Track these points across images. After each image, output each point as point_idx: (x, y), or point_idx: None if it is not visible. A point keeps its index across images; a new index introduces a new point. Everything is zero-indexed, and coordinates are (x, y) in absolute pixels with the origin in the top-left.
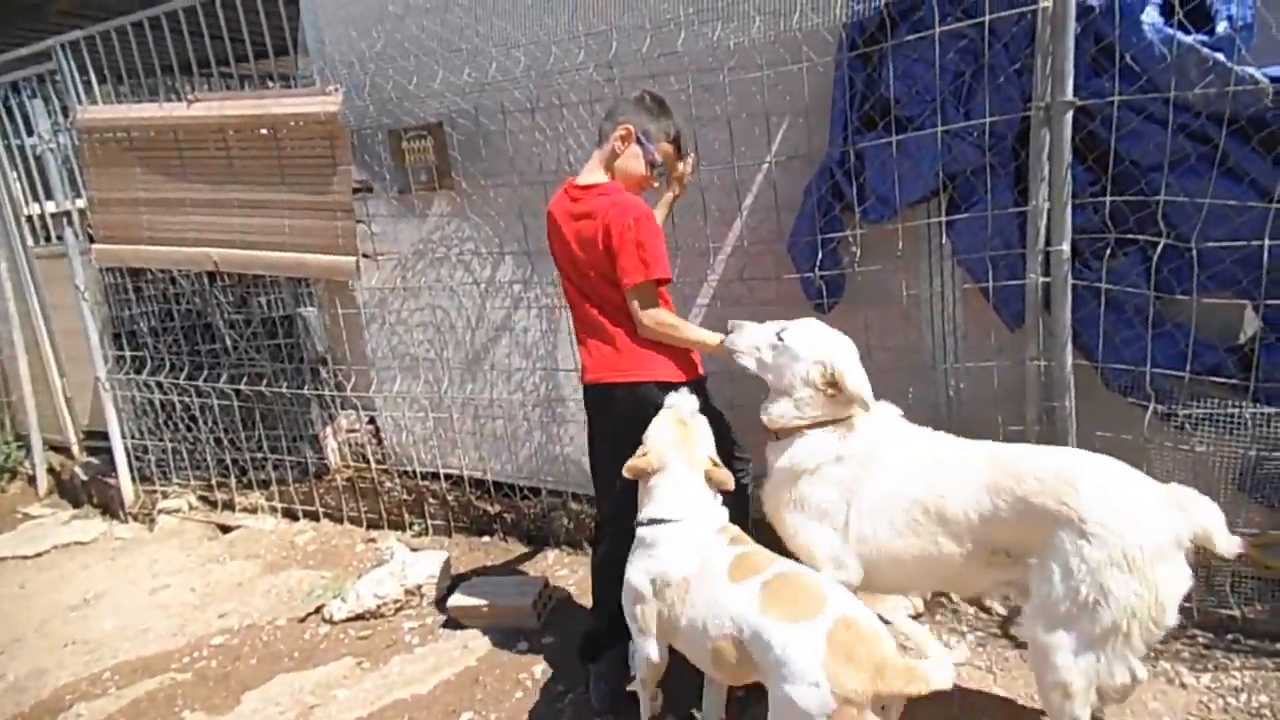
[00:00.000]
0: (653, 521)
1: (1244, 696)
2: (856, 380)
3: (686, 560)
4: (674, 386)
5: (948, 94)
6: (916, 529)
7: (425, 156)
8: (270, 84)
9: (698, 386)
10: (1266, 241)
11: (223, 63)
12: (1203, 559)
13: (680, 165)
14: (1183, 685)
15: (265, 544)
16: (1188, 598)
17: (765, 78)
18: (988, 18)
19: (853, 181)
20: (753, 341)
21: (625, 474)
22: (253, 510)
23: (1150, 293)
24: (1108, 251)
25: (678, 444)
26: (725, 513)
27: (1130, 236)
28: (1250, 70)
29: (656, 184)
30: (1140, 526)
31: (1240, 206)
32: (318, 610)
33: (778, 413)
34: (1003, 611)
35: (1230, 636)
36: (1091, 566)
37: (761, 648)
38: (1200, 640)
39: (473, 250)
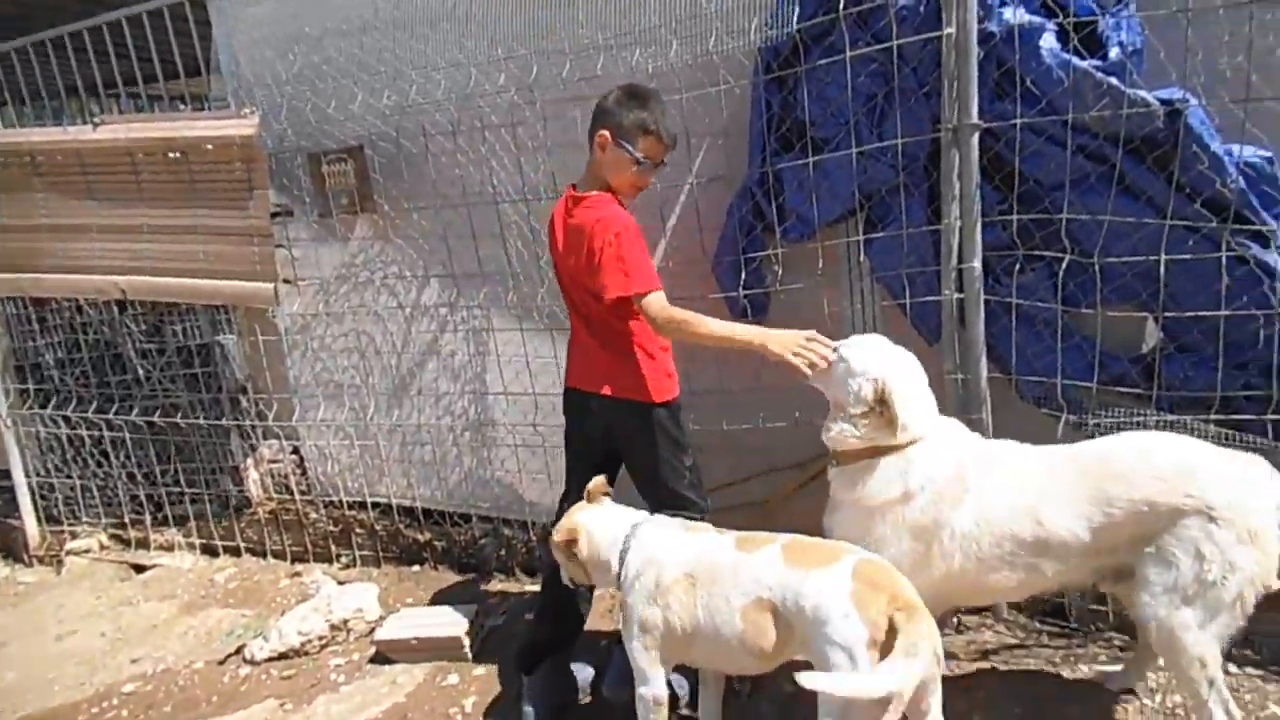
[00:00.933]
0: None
1: (1159, 697)
2: (903, 401)
3: (679, 555)
4: (644, 406)
5: (861, 116)
6: (1013, 561)
7: (346, 180)
8: (181, 106)
9: (665, 409)
10: (1163, 256)
11: (131, 83)
12: None
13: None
14: (1101, 688)
15: (182, 583)
16: (1101, 601)
17: (684, 101)
18: (895, 42)
19: (772, 201)
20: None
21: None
22: (169, 548)
23: (1058, 306)
24: (1017, 267)
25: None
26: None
27: (1037, 253)
28: (1142, 93)
29: (653, 179)
30: (1257, 502)
31: (1137, 223)
32: (238, 651)
33: (835, 432)
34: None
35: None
36: (1223, 548)
37: (795, 600)
38: (1116, 643)
39: (397, 274)
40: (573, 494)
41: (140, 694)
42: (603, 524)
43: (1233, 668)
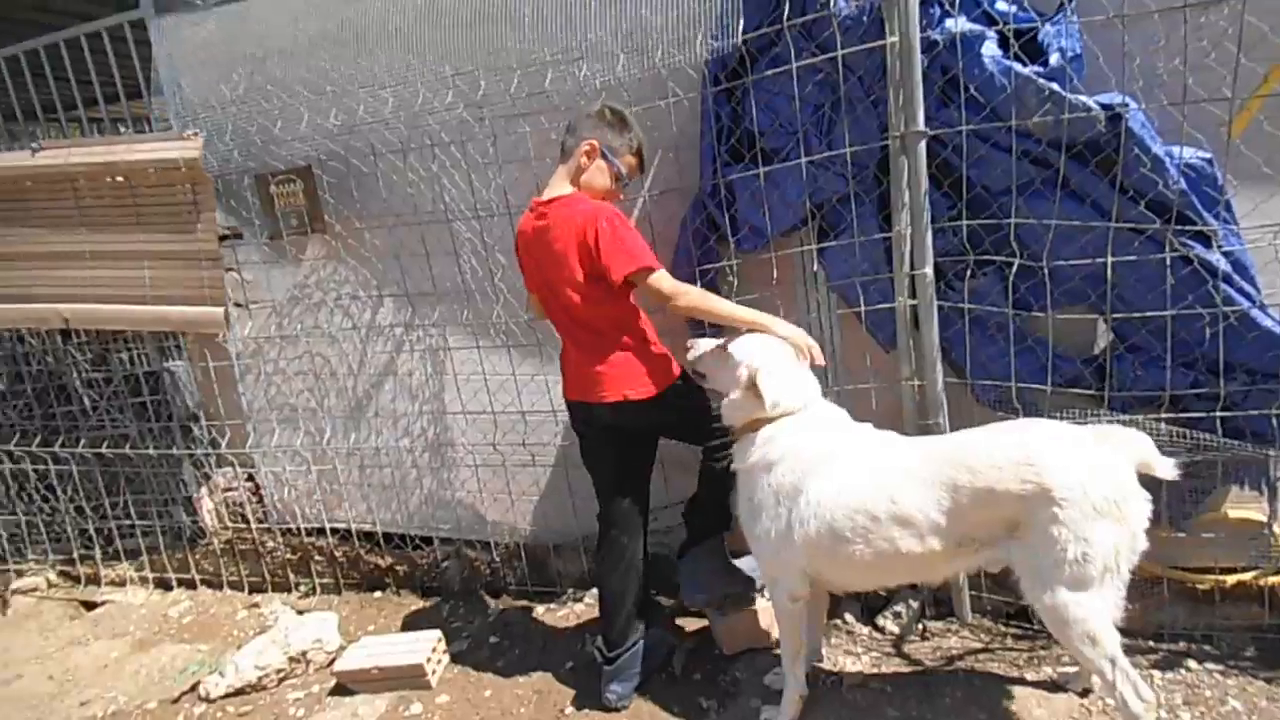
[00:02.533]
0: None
1: None
2: (769, 382)
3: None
4: (647, 403)
5: (809, 126)
6: (867, 534)
7: (295, 200)
8: (123, 129)
9: (675, 389)
10: (1109, 258)
11: (71, 108)
12: None
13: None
14: (1063, 690)
15: (135, 619)
16: None
17: (635, 114)
18: (840, 52)
19: (725, 213)
20: (703, 350)
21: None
22: (120, 583)
23: (1009, 310)
24: (968, 273)
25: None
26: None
27: (988, 258)
28: (1083, 98)
29: (622, 196)
30: (1101, 476)
31: (1084, 226)
32: (193, 688)
33: (724, 408)
34: (895, 630)
35: None
36: (1072, 528)
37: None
38: None
39: (350, 294)
40: (609, 502)
41: None
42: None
43: (1193, 663)
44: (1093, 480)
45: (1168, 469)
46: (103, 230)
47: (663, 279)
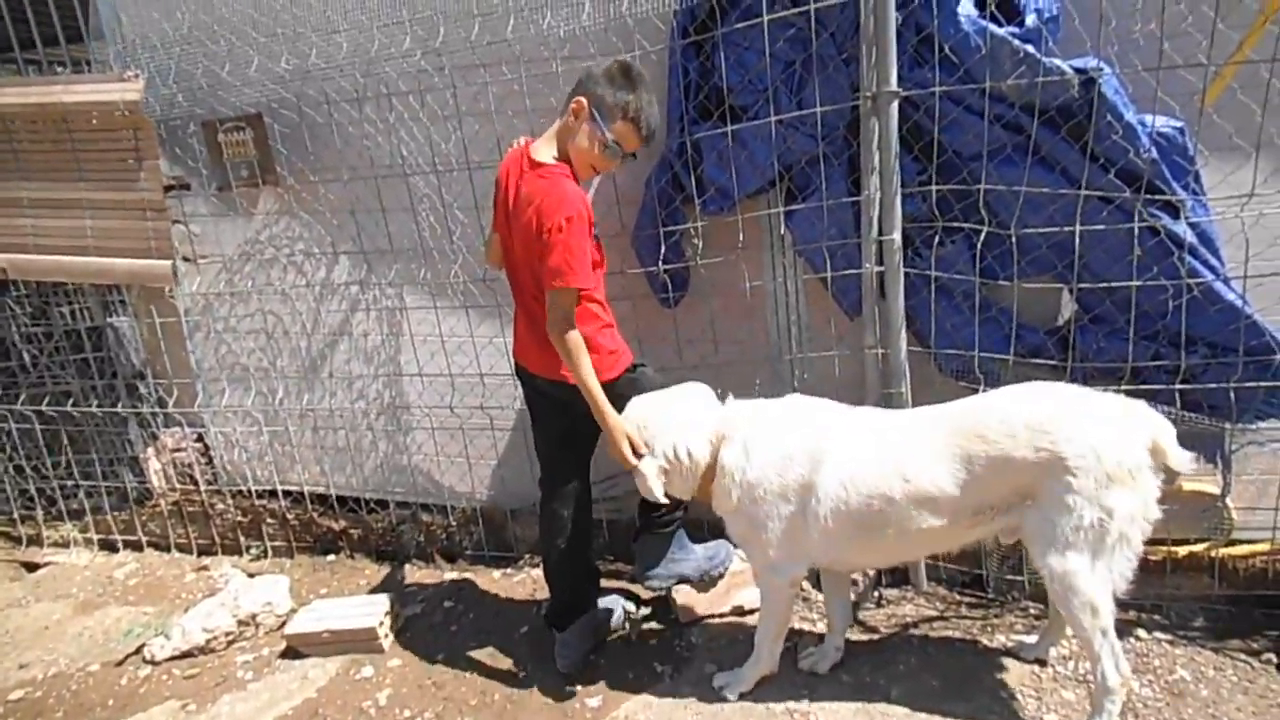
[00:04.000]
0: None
1: (1071, 664)
2: (671, 445)
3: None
4: (573, 386)
5: (780, 83)
6: (885, 516)
7: (245, 150)
8: (60, 70)
9: (626, 380)
10: (1078, 227)
11: (6, 50)
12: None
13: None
14: (1017, 658)
15: (78, 581)
16: (1018, 571)
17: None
18: (813, 6)
19: (691, 173)
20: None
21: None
22: (64, 544)
23: (976, 279)
24: (936, 240)
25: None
26: None
27: (956, 225)
28: (1057, 62)
29: (615, 165)
30: (1114, 444)
31: (1053, 194)
32: (138, 651)
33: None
34: (851, 598)
35: None
36: (1087, 495)
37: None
38: (1033, 611)
39: (304, 251)
40: (549, 471)
41: (29, 701)
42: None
43: (1143, 633)
44: (1106, 447)
45: (1182, 460)
46: (41, 177)
47: (565, 301)
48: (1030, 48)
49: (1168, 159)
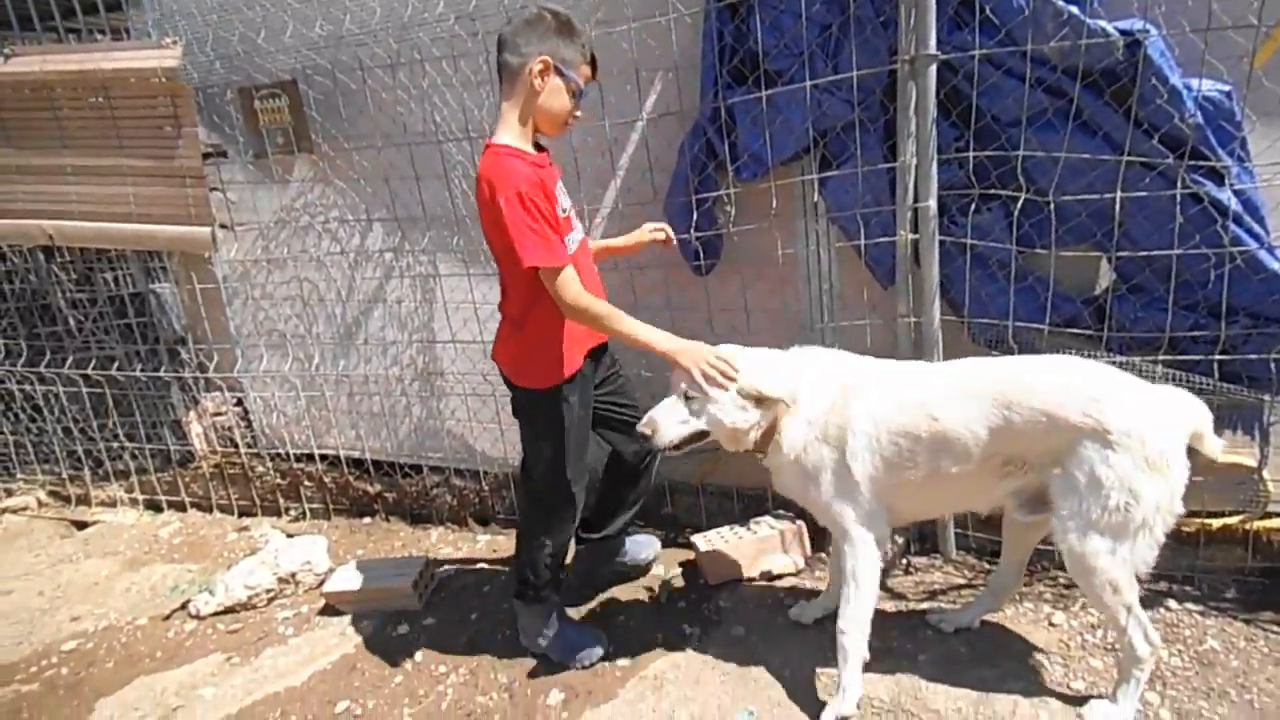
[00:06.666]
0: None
1: (1100, 633)
2: (766, 383)
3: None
4: (548, 391)
5: (816, 47)
6: (914, 458)
7: (280, 117)
8: (99, 38)
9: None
10: (1119, 194)
11: (48, 19)
12: None
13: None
14: (1051, 625)
15: (125, 539)
16: (1048, 542)
17: (633, 31)
18: None
19: (724, 139)
20: (674, 418)
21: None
22: (111, 504)
23: (1012, 247)
24: (972, 207)
25: None
26: None
27: (993, 192)
28: (1102, 23)
29: (579, 115)
30: (1160, 430)
31: (1094, 160)
32: (183, 606)
33: (748, 441)
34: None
35: None
36: (1120, 474)
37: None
38: (1062, 581)
39: (339, 218)
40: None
41: (81, 651)
42: None
43: (1173, 603)
44: (1151, 433)
45: (1217, 448)
46: (83, 145)
47: (568, 284)
48: (1074, 9)
49: (1213, 124)
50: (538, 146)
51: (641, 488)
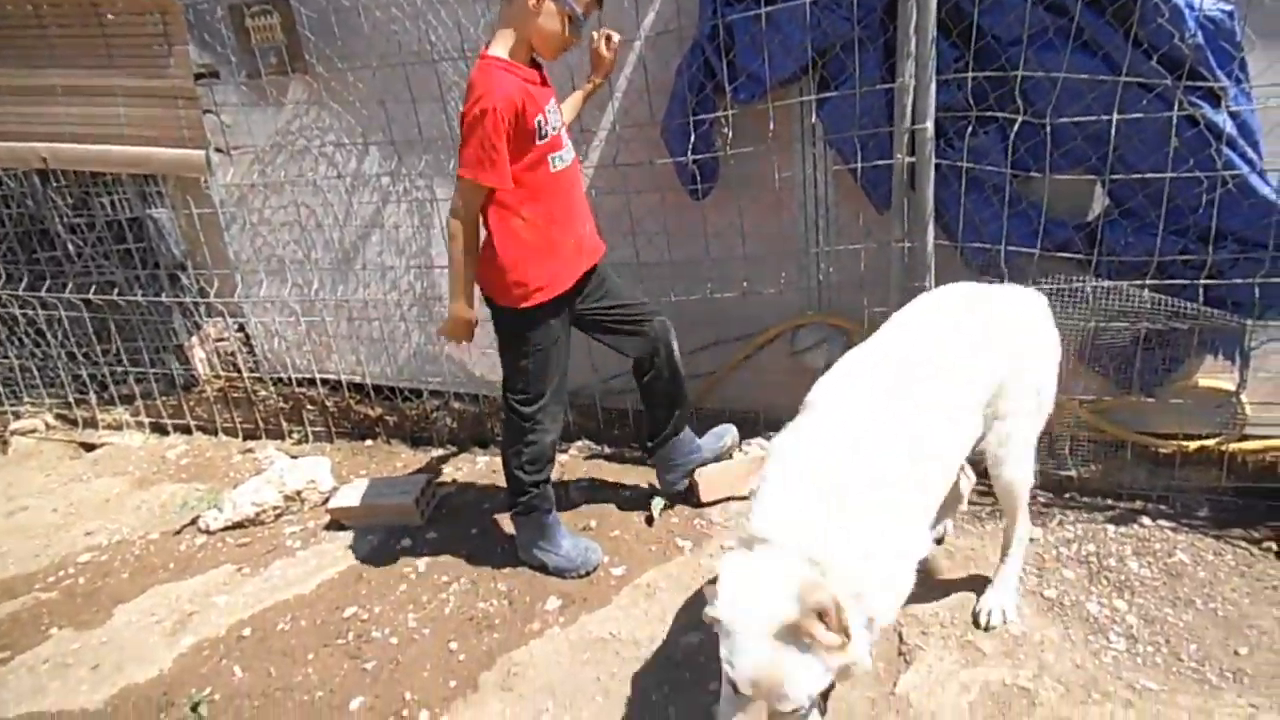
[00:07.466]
0: None
1: (1075, 546)
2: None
3: None
4: (518, 311)
5: None
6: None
7: (273, 35)
8: None
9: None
10: (1115, 116)
11: None
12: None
13: (603, 48)
14: (1031, 541)
15: (134, 460)
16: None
17: None
18: None
19: (723, 58)
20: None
21: None
22: (118, 427)
23: (1008, 170)
24: (969, 130)
25: None
26: None
27: (990, 114)
28: None
29: (578, 41)
30: None
31: (1092, 82)
32: (193, 522)
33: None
34: None
35: (1067, 495)
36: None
37: None
38: (1040, 500)
39: (335, 142)
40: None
41: (96, 563)
42: None
43: (1146, 520)
44: None
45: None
46: (73, 65)
47: (468, 203)
48: None
49: (1213, 44)
50: (534, 65)
51: (666, 381)
